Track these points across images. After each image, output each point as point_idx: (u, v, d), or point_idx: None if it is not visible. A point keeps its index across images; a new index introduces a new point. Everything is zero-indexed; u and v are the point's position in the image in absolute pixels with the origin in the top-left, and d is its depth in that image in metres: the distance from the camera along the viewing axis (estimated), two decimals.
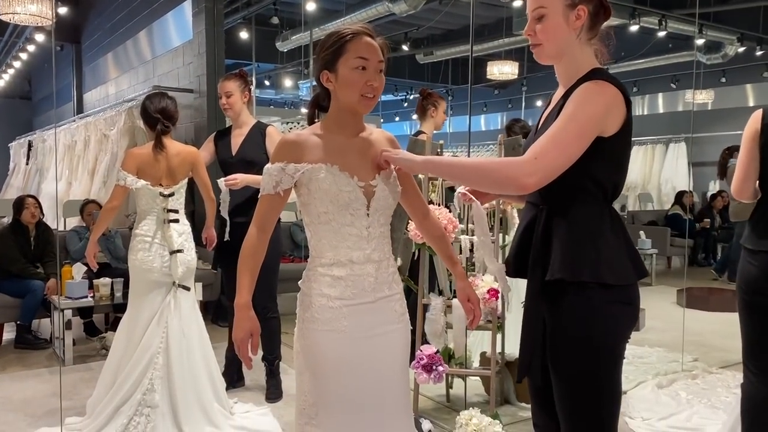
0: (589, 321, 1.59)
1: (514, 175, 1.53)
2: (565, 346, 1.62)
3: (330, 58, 1.68)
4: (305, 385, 1.72)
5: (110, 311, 5.26)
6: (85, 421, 3.15)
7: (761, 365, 2.52)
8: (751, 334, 2.55)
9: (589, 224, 1.61)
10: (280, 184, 1.67)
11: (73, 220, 5.88)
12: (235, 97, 3.59)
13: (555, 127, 1.55)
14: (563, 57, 1.67)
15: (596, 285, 1.58)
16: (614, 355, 1.63)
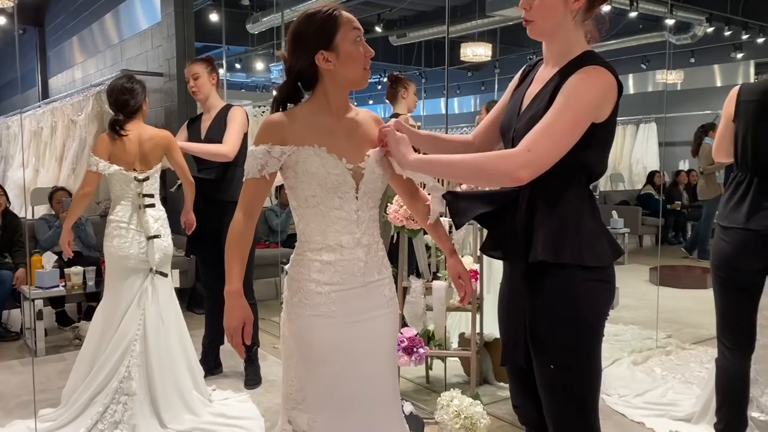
0: (570, 300, 1.60)
1: (508, 169, 1.52)
2: (546, 326, 1.62)
3: (325, 36, 1.62)
4: (292, 370, 1.70)
5: (83, 300, 5.16)
6: (59, 411, 3.10)
7: (735, 340, 2.59)
8: (725, 309, 2.60)
9: (572, 208, 1.61)
10: (265, 167, 1.62)
11: (42, 208, 5.74)
12: (202, 80, 3.55)
13: (549, 118, 1.53)
14: (555, 35, 1.65)
15: (576, 266, 1.59)
16: (595, 333, 1.64)
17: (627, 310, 5.32)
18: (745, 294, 2.55)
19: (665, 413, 3.19)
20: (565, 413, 1.65)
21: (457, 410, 2.60)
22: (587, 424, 1.65)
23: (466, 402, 2.63)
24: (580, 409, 1.65)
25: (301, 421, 1.66)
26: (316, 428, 1.64)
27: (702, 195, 7.74)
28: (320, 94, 1.69)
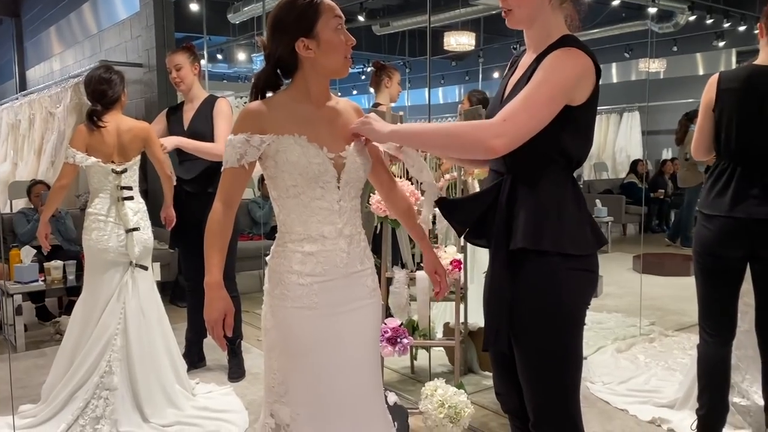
0: (550, 288, 1.59)
1: (483, 137, 1.50)
2: (528, 313, 1.61)
3: (306, 23, 1.59)
4: (275, 362, 1.67)
5: (63, 295, 5.09)
6: (39, 407, 3.05)
7: (716, 326, 2.61)
8: (706, 296, 2.62)
9: (553, 194, 1.60)
10: (244, 156, 1.58)
11: (20, 201, 5.66)
12: (185, 71, 3.49)
13: (526, 91, 1.53)
14: (534, 22, 1.65)
15: (557, 253, 1.58)
16: (576, 321, 1.64)
17: (611, 298, 5.35)
18: (726, 281, 2.57)
19: (648, 400, 3.21)
20: (544, 401, 1.65)
21: (441, 400, 2.59)
22: (567, 413, 1.65)
23: (450, 391, 2.62)
24: (559, 397, 1.64)
25: (283, 414, 1.64)
26: (298, 421, 1.62)
27: (683, 183, 7.80)
28: (300, 82, 1.66)
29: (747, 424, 2.87)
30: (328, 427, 1.64)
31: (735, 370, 2.93)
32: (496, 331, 1.66)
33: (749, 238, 2.45)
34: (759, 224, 2.41)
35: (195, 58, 3.54)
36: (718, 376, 2.65)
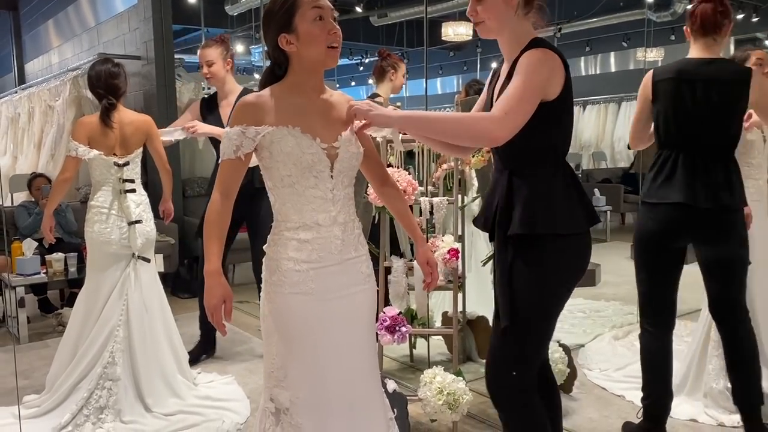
0: (540, 267, 1.82)
1: (489, 128, 1.67)
2: (519, 289, 1.83)
3: (284, 18, 1.64)
4: (273, 348, 1.72)
5: (65, 287, 5.13)
6: (43, 398, 3.09)
7: (658, 317, 2.68)
8: (650, 288, 2.68)
9: (544, 184, 1.82)
10: (240, 148, 1.63)
11: (21, 195, 5.68)
12: (216, 66, 3.44)
13: (513, 88, 1.70)
14: (504, 31, 1.84)
15: (551, 236, 1.79)
16: (558, 298, 1.90)
17: (609, 287, 5.39)
18: (668, 271, 2.64)
19: None
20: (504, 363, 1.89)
21: (440, 387, 2.62)
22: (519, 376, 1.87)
23: (448, 379, 2.66)
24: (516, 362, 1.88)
25: (283, 398, 1.68)
26: (297, 405, 1.66)
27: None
28: (292, 76, 1.71)
29: None
30: (326, 411, 1.68)
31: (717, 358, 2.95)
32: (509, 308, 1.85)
33: (696, 226, 2.51)
34: (706, 213, 2.47)
35: (228, 52, 3.48)
36: (661, 366, 2.70)
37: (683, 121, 2.51)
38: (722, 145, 2.51)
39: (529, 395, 1.91)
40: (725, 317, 2.63)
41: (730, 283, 2.59)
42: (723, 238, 2.52)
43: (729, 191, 2.46)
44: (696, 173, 2.48)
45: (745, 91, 2.45)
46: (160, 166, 3.30)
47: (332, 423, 1.68)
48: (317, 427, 1.67)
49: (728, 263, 2.56)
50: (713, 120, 2.47)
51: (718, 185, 2.46)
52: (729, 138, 2.51)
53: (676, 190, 2.50)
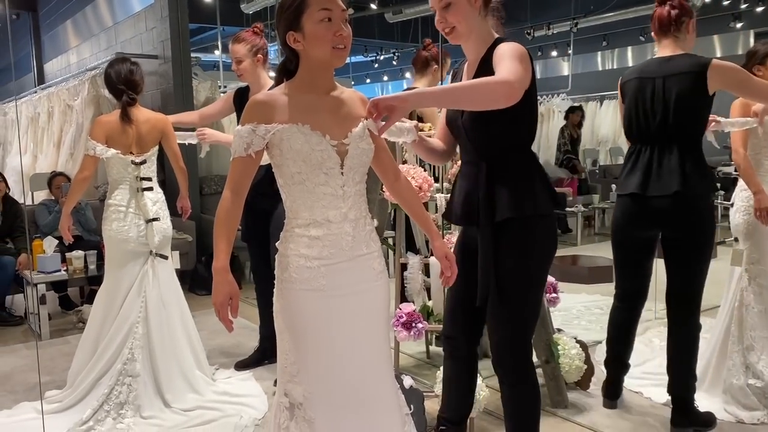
0: (530, 247, 2.01)
1: (504, 86, 1.73)
2: (512, 269, 2.00)
3: (293, 17, 1.65)
4: (286, 344, 1.73)
5: (85, 284, 5.20)
6: (64, 393, 3.14)
7: (626, 294, 2.94)
8: (617, 274, 2.97)
9: (523, 170, 2.01)
10: (251, 145, 1.65)
11: (41, 193, 5.76)
12: (245, 64, 3.27)
13: (504, 62, 1.81)
14: (472, 34, 1.99)
15: (535, 217, 1.98)
16: (546, 272, 2.11)
17: None
18: (636, 255, 2.85)
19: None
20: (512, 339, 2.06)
21: None
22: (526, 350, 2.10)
23: None
24: (524, 337, 2.08)
25: (296, 393, 1.69)
26: (311, 399, 1.67)
27: None
28: (302, 73, 1.72)
29: (762, 406, 2.88)
30: (339, 406, 1.69)
31: (750, 351, 2.95)
32: (487, 291, 2.03)
33: (656, 214, 2.65)
34: (659, 201, 2.62)
35: (257, 47, 3.28)
36: (623, 337, 2.98)
37: (642, 116, 2.69)
38: (679, 135, 2.61)
39: (533, 368, 2.13)
40: (674, 308, 2.73)
41: (683, 274, 2.69)
42: (678, 227, 2.64)
43: (681, 179, 2.57)
44: (652, 164, 2.65)
45: (700, 81, 2.53)
46: (175, 164, 3.33)
47: (345, 418, 1.69)
48: (330, 422, 1.68)
49: (682, 253, 2.68)
50: (668, 112, 2.60)
51: (670, 174, 2.59)
52: (685, 128, 2.61)
53: (632, 182, 2.70)
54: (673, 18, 2.64)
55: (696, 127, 2.62)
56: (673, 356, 2.75)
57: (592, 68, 12.80)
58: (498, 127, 1.95)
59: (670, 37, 2.67)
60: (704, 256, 2.66)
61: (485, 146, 2.02)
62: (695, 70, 2.55)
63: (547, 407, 3.01)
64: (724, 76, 2.53)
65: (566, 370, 3.03)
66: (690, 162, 2.58)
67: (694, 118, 2.60)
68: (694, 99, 2.57)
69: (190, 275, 5.56)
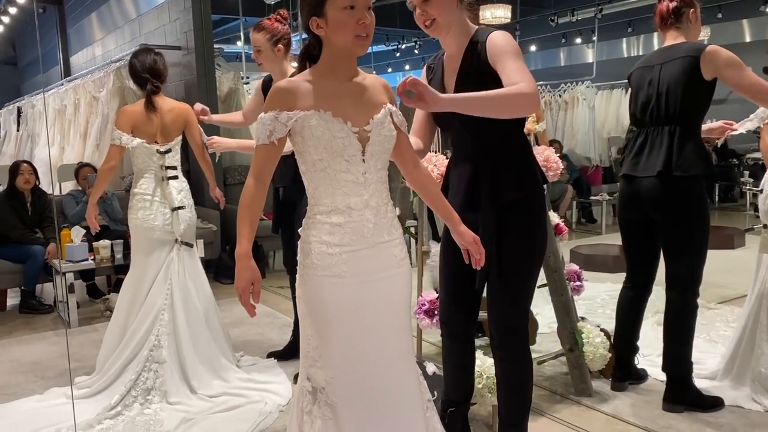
0: (533, 227, 2.12)
1: (528, 97, 1.80)
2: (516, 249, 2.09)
3: (316, 2, 1.64)
4: (308, 329, 1.74)
5: (112, 273, 5.29)
6: (93, 379, 3.20)
7: (632, 276, 3.01)
8: (625, 255, 3.05)
9: (522, 154, 2.12)
10: (274, 133, 1.65)
11: (68, 184, 5.85)
12: (263, 54, 3.14)
13: (512, 64, 1.88)
14: (453, 26, 2.03)
15: (534, 196, 2.09)
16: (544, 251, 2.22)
17: None
18: (636, 241, 2.94)
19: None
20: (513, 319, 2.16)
21: (480, 371, 2.62)
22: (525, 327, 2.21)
23: (487, 363, 2.66)
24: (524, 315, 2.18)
25: (319, 378, 1.71)
26: (333, 384, 1.69)
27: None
28: (324, 59, 1.71)
29: None
30: (360, 391, 1.70)
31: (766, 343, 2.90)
32: (487, 272, 2.10)
33: (644, 196, 2.75)
34: (647, 183, 2.72)
35: (278, 38, 3.13)
36: (628, 319, 3.04)
37: (641, 102, 2.79)
38: (671, 118, 2.68)
39: (528, 346, 2.24)
40: (669, 289, 2.82)
41: (676, 259, 2.77)
42: (665, 210, 2.72)
43: (666, 159, 2.65)
44: (644, 146, 2.76)
45: (694, 66, 2.60)
46: (198, 154, 3.34)
47: (367, 403, 1.70)
48: (352, 407, 1.69)
49: (673, 239, 2.75)
50: (661, 96, 2.69)
51: (657, 155, 2.68)
52: (677, 111, 2.67)
53: (625, 163, 2.83)
54: (671, 10, 2.74)
55: (689, 110, 2.66)
56: (666, 335, 2.84)
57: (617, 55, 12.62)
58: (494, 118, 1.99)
59: (672, 28, 2.76)
60: (697, 241, 2.73)
61: (486, 135, 2.06)
62: (690, 55, 2.62)
63: (571, 395, 3.00)
64: (716, 63, 2.57)
65: (590, 358, 3.02)
66: (679, 144, 2.65)
67: (687, 101, 2.64)
68: (687, 83, 2.63)
69: (215, 264, 5.62)
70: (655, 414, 2.81)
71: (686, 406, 2.80)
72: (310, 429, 1.69)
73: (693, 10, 2.75)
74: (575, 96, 9.69)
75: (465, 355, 2.41)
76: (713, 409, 2.79)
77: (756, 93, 2.54)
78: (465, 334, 2.37)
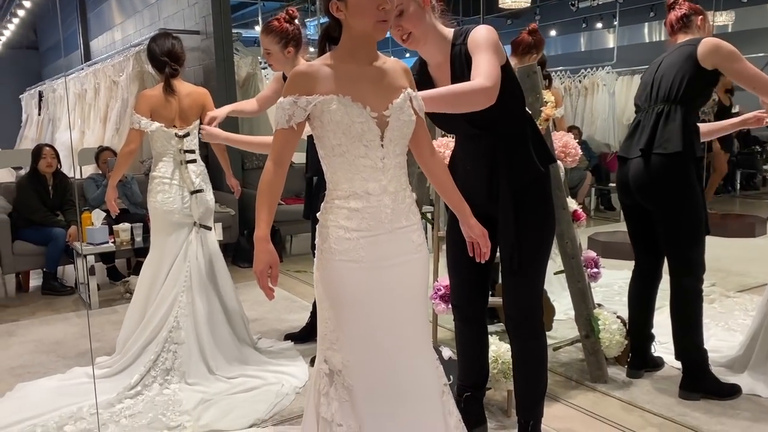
0: (547, 205, 2.19)
1: (482, 92, 1.87)
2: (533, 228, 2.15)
3: None
4: (326, 312, 1.75)
5: (132, 256, 5.36)
6: (114, 359, 3.26)
7: (637, 260, 3.03)
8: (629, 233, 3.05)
9: (525, 133, 2.13)
10: (293, 117, 1.65)
11: (89, 168, 5.92)
12: (273, 57, 3.05)
13: (478, 57, 1.95)
14: (429, 36, 2.06)
15: (547, 176, 2.16)
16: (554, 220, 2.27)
17: None
18: (632, 224, 2.98)
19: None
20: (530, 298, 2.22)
21: (495, 356, 2.63)
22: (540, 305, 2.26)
23: (503, 348, 2.66)
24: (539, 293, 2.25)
25: (335, 361, 1.72)
26: (349, 367, 1.70)
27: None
28: (344, 42, 1.70)
29: None
30: (376, 375, 1.71)
31: None
32: (511, 252, 2.14)
33: (630, 178, 2.81)
34: (635, 162, 2.78)
35: (288, 41, 3.01)
36: (639, 307, 3.05)
37: (640, 89, 2.92)
38: (663, 98, 2.75)
39: (543, 324, 2.26)
40: (671, 275, 2.84)
41: (667, 240, 2.79)
42: (647, 189, 2.76)
43: (649, 139, 2.72)
44: (636, 129, 2.83)
45: (691, 51, 2.69)
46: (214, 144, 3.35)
47: (383, 386, 1.71)
48: (368, 389, 1.70)
49: (660, 219, 2.78)
50: (657, 80, 2.80)
51: (644, 134, 2.74)
52: (668, 91, 2.74)
53: (621, 147, 2.94)
54: (680, 17, 2.84)
55: (681, 93, 2.71)
56: (672, 322, 2.85)
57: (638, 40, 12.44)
58: (503, 98, 1.99)
59: (680, 33, 2.86)
60: (686, 226, 2.73)
61: (494, 119, 2.07)
62: (689, 44, 2.73)
63: (587, 382, 3.00)
64: (716, 55, 2.64)
65: (606, 345, 3.01)
66: (663, 123, 2.71)
67: (679, 84, 2.71)
68: (681, 67, 2.71)
69: (233, 248, 5.66)
70: (671, 401, 2.80)
71: (702, 394, 2.79)
72: (327, 410, 1.71)
73: (702, 17, 2.84)
74: (595, 82, 9.58)
75: (478, 338, 2.44)
76: (730, 397, 2.78)
77: (756, 84, 2.62)
78: (477, 317, 2.40)
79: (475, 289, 2.37)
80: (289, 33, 3.01)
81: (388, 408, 1.72)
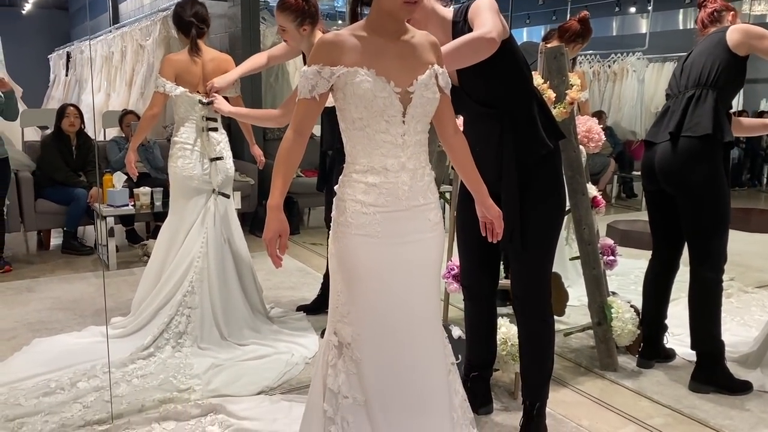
0: (557, 185, 2.19)
1: (484, 39, 1.86)
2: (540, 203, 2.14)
3: None
4: (338, 284, 1.75)
5: (151, 220, 5.41)
6: (128, 319, 3.31)
7: (655, 248, 3.02)
8: (649, 221, 3.04)
9: (534, 110, 2.10)
10: (315, 87, 1.63)
11: (112, 130, 5.97)
12: (289, 34, 3.00)
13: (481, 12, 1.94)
14: (430, 19, 2.05)
15: (556, 153, 2.15)
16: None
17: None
18: (655, 212, 2.97)
19: None
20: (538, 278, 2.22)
21: (504, 338, 2.63)
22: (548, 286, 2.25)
23: (513, 330, 2.66)
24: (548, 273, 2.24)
25: (345, 333, 1.73)
26: (359, 341, 1.71)
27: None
28: (374, 14, 1.67)
29: None
30: (385, 350, 1.72)
31: None
32: (512, 231, 2.10)
33: (655, 162, 2.79)
34: (659, 147, 2.78)
35: (303, 18, 2.95)
36: (654, 294, 3.05)
37: (672, 80, 2.90)
38: (694, 83, 2.74)
39: (551, 306, 2.27)
40: (691, 264, 2.82)
41: (690, 228, 2.77)
42: (673, 174, 2.72)
43: (679, 122, 2.69)
44: (666, 114, 2.82)
45: (720, 37, 2.69)
46: None
47: (391, 361, 1.72)
48: (376, 364, 1.71)
49: (683, 206, 2.75)
50: (688, 66, 2.80)
51: (674, 118, 2.72)
52: (699, 76, 2.72)
53: (648, 132, 2.92)
54: (710, 13, 2.85)
55: (712, 78, 2.69)
56: (690, 312, 2.85)
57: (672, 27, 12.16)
58: (508, 75, 2.04)
59: (711, 28, 2.85)
60: (708, 213, 2.71)
61: (502, 97, 2.08)
62: (719, 31, 2.74)
63: (596, 369, 2.99)
64: (743, 35, 2.63)
65: (618, 333, 2.99)
66: (694, 106, 2.69)
67: (710, 69, 2.69)
68: (711, 52, 2.71)
69: (251, 217, 5.70)
70: (680, 393, 2.78)
71: (714, 387, 2.78)
72: (334, 382, 1.72)
73: (733, 13, 2.85)
74: (625, 67, 9.41)
75: (487, 317, 2.45)
76: (740, 393, 2.76)
77: None
78: (486, 296, 2.42)
79: (486, 270, 2.38)
80: (305, 10, 2.95)
81: (395, 383, 1.73)
